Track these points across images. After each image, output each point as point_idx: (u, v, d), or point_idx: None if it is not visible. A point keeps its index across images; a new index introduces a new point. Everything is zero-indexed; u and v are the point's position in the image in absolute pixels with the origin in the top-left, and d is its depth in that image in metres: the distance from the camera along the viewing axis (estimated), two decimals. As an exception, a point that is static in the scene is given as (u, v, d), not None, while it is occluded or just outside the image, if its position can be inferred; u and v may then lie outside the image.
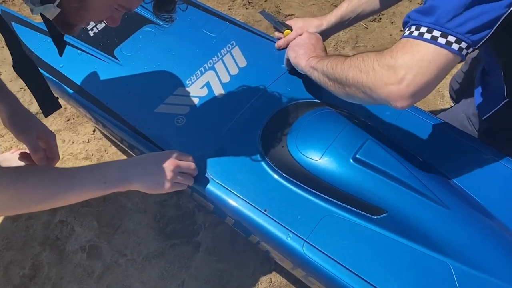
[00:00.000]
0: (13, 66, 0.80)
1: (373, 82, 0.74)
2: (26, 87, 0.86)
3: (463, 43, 0.70)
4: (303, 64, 0.99)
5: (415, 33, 0.72)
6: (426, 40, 0.70)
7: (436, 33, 0.70)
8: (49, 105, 0.87)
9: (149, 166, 0.87)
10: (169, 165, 0.87)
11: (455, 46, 0.70)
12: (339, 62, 0.85)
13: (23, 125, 0.97)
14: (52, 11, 0.70)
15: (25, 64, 0.82)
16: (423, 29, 0.71)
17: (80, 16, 0.73)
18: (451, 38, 0.69)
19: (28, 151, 0.99)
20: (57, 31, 0.86)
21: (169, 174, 0.86)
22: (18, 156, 1.35)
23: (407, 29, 0.75)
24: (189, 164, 0.91)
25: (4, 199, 0.73)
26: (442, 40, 0.69)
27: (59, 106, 0.88)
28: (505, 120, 1.00)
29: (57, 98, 0.88)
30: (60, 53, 0.89)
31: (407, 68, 0.70)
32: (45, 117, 0.87)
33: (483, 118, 1.05)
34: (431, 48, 0.70)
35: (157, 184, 0.87)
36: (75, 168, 0.84)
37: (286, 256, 0.91)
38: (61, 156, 1.50)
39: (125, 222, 1.39)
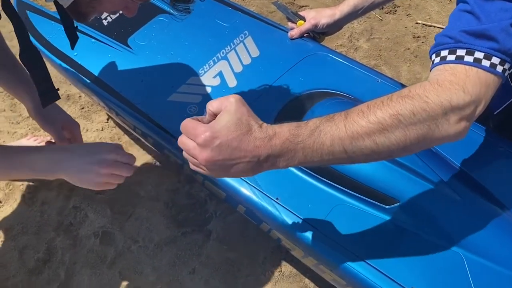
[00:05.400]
0: (19, 55, 0.79)
1: (447, 129, 0.60)
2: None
3: None
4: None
5: (469, 59, 0.62)
6: (485, 68, 0.62)
7: (496, 60, 0.62)
8: (49, 96, 0.86)
9: (80, 163, 0.81)
10: (102, 168, 0.81)
11: (506, 72, 0.63)
12: (377, 134, 0.58)
13: (49, 116, 0.98)
14: (64, 1, 0.70)
15: (31, 53, 0.80)
16: (479, 54, 0.62)
17: (93, 8, 0.73)
18: (507, 66, 0.63)
19: (52, 140, 1.01)
20: (70, 24, 0.86)
21: (98, 177, 0.81)
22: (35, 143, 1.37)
23: (453, 51, 0.64)
24: (124, 167, 0.84)
25: None
26: (500, 68, 0.62)
27: (58, 97, 0.87)
28: None
29: (58, 89, 0.86)
30: (72, 45, 0.90)
31: (478, 101, 0.62)
32: (43, 108, 0.86)
33: (494, 113, 1.04)
34: (490, 77, 0.62)
35: (84, 183, 0.82)
36: (14, 150, 0.81)
37: (297, 245, 0.91)
38: (75, 144, 1.53)
39: (137, 209, 1.41)
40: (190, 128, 0.59)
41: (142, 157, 1.52)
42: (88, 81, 1.15)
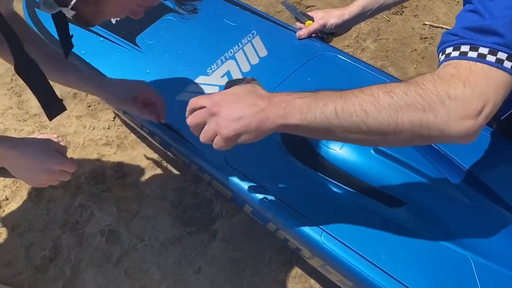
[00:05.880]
0: (15, 68, 0.75)
1: (447, 121, 0.58)
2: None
3: None
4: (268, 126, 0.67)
5: (473, 54, 0.61)
6: (490, 63, 0.60)
7: (502, 55, 0.60)
8: (54, 108, 0.84)
9: (25, 165, 0.84)
10: (44, 175, 0.85)
11: None
12: (368, 104, 0.61)
13: (117, 97, 1.00)
14: (68, 13, 0.70)
15: (28, 65, 0.76)
16: (483, 50, 0.61)
17: (96, 18, 0.73)
18: None
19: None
20: (65, 33, 0.84)
21: (38, 181, 0.86)
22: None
23: (457, 48, 0.64)
24: (64, 175, 0.88)
25: None
26: (508, 64, 0.60)
27: (64, 108, 0.85)
28: None
29: (62, 100, 0.84)
30: (66, 55, 0.87)
31: (486, 98, 0.59)
32: (50, 120, 0.85)
33: (501, 118, 1.04)
34: (498, 73, 0.60)
35: (23, 179, 0.87)
36: None
37: (304, 245, 0.91)
38: (81, 142, 1.53)
39: (143, 208, 1.41)
40: (199, 99, 0.75)
41: (148, 156, 1.52)
42: (96, 79, 1.15)
